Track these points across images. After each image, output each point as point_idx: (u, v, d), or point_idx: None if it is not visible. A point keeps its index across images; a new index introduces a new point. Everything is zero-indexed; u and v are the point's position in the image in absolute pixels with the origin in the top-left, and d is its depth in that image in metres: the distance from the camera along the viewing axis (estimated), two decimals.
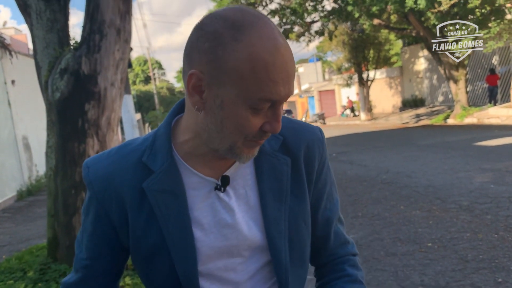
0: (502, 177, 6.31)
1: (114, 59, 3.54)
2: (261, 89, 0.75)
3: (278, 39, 0.76)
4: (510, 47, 17.40)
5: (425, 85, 24.36)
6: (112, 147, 0.97)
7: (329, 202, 1.03)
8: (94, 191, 0.91)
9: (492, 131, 12.14)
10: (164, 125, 0.92)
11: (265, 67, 0.74)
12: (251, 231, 0.91)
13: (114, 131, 3.66)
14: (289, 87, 0.77)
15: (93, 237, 0.94)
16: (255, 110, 0.78)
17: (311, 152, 0.97)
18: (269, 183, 0.92)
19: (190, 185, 0.90)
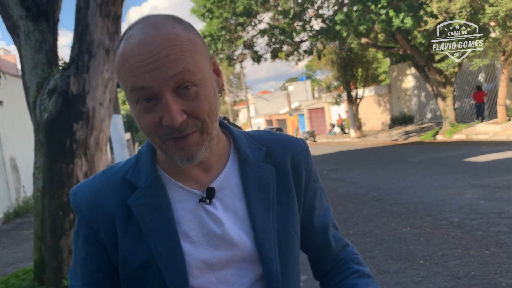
0: (491, 193, 6.34)
1: (103, 79, 3.54)
2: (127, 80, 0.76)
3: (147, 31, 0.76)
4: (495, 65, 17.71)
5: (413, 102, 24.62)
6: (97, 173, 0.98)
7: (322, 209, 1.04)
8: (82, 214, 0.91)
9: (480, 147, 12.26)
10: (146, 143, 0.92)
11: (126, 59, 0.76)
12: (241, 241, 0.90)
13: (103, 151, 3.63)
14: (159, 72, 0.74)
15: (86, 263, 0.92)
16: (141, 105, 0.77)
17: (297, 161, 0.98)
18: (256, 192, 0.92)
19: (176, 199, 0.89)
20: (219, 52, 20.76)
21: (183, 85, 0.76)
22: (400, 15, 14.85)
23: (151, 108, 0.77)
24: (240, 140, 0.96)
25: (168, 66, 0.74)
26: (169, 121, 0.76)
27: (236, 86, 57.52)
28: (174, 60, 0.75)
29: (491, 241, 4.34)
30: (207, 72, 0.81)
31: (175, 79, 0.75)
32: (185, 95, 0.77)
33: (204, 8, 19.14)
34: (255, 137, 0.99)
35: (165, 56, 0.74)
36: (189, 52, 0.77)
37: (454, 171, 8.77)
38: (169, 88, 0.75)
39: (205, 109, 0.79)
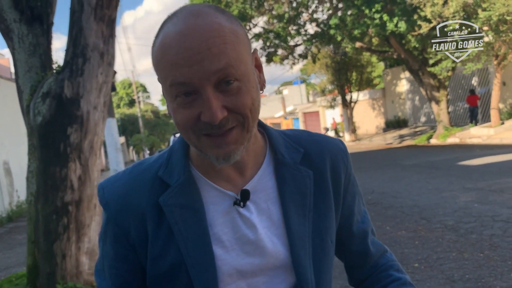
0: (485, 196, 6.37)
1: (97, 82, 3.52)
2: (167, 75, 0.72)
3: (188, 21, 0.72)
4: (488, 69, 17.83)
5: (407, 106, 24.73)
6: (126, 167, 0.92)
7: (360, 215, 1.00)
8: (111, 212, 0.86)
9: (474, 150, 12.32)
10: (179, 140, 0.88)
11: (165, 51, 0.72)
12: (275, 248, 0.85)
13: (97, 155, 3.62)
14: (201, 66, 0.70)
15: (116, 263, 0.88)
16: (180, 99, 0.73)
17: (336, 164, 0.93)
18: (292, 197, 0.87)
19: (209, 200, 0.84)
20: None
21: (224, 80, 0.72)
22: (394, 19, 14.94)
23: (190, 103, 0.73)
24: (277, 140, 0.90)
25: (210, 60, 0.70)
26: (209, 117, 0.71)
27: None
28: (217, 53, 0.70)
29: (485, 244, 4.36)
30: (249, 66, 0.76)
31: (217, 74, 0.71)
32: (227, 90, 0.72)
33: None
34: (292, 137, 0.93)
35: (207, 48, 0.70)
36: (232, 44, 0.72)
37: (448, 174, 8.80)
38: (210, 83, 0.71)
39: (248, 104, 0.74)
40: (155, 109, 55.87)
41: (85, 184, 3.52)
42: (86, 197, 3.54)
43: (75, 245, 3.49)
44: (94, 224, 3.64)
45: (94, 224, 3.64)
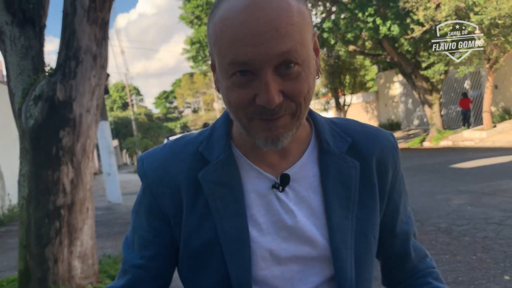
0: (478, 199, 6.40)
1: (90, 85, 3.50)
2: (228, 52, 0.68)
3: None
4: (480, 72, 17.96)
5: (400, 109, 24.84)
6: (167, 142, 0.90)
7: (405, 215, 0.95)
8: (148, 182, 0.85)
9: (466, 153, 12.39)
10: (222, 118, 0.86)
11: (229, 26, 0.67)
12: (314, 237, 0.81)
13: (90, 158, 3.59)
14: (266, 46, 0.65)
15: (147, 234, 0.86)
16: (236, 79, 0.69)
17: (385, 158, 0.87)
18: (335, 187, 0.83)
19: (248, 180, 0.82)
20: (208, 59, 20.79)
21: (285, 63, 0.68)
22: (387, 23, 15.02)
23: (245, 83, 0.69)
24: (323, 128, 0.86)
25: (276, 41, 0.66)
26: (265, 101, 0.68)
27: None
28: (283, 34, 0.66)
29: (478, 246, 4.37)
30: (310, 50, 0.73)
31: (280, 57, 0.67)
32: (286, 74, 0.69)
33: (193, 15, 19.18)
34: (340, 126, 0.89)
35: (274, 28, 0.65)
36: (299, 26, 0.68)
37: (441, 177, 8.84)
38: (271, 65, 0.67)
39: (304, 91, 0.71)
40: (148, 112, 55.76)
41: (78, 187, 3.49)
42: (78, 200, 3.51)
43: (67, 249, 3.46)
44: (87, 228, 3.61)
45: (87, 227, 3.61)
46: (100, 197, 10.92)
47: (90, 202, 3.64)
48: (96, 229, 3.83)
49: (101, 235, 6.35)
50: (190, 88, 61.76)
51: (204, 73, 22.58)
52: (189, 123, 55.65)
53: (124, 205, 9.69)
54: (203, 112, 60.28)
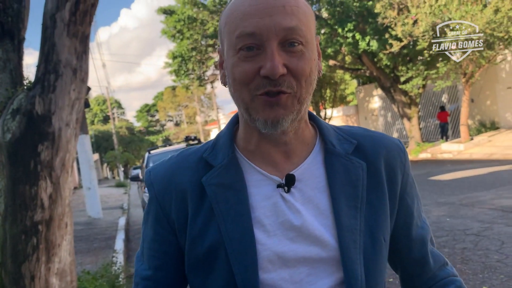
0: (456, 210, 6.50)
1: (70, 99, 3.47)
2: (237, 26, 0.73)
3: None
4: (457, 86, 18.37)
5: (380, 123, 25.18)
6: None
7: (419, 220, 0.93)
8: (154, 191, 0.86)
9: (445, 165, 12.60)
10: (226, 126, 0.89)
11: (240, 4, 0.74)
12: (323, 237, 0.80)
13: (69, 173, 3.55)
14: (273, 19, 0.71)
15: (154, 244, 0.87)
16: (243, 53, 0.73)
17: (392, 160, 0.87)
18: (343, 187, 0.82)
19: (252, 183, 0.82)
20: (190, 73, 20.80)
21: (290, 40, 0.72)
22: (366, 38, 15.30)
23: (251, 58, 0.73)
24: (328, 131, 0.88)
25: (282, 16, 0.72)
26: (269, 69, 0.71)
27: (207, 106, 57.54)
28: (289, 12, 0.72)
29: (457, 258, 4.43)
30: (313, 40, 0.78)
31: (286, 31, 0.72)
32: (290, 51, 0.73)
33: (175, 29, 19.21)
34: (345, 131, 0.90)
35: (281, 5, 0.72)
36: (304, 12, 0.75)
37: (421, 189, 8.94)
38: (277, 38, 0.72)
39: (306, 71, 0.74)
40: (130, 126, 55.34)
41: (56, 202, 3.44)
42: (57, 216, 3.45)
43: (45, 266, 3.39)
44: (65, 244, 3.55)
45: (65, 243, 3.54)
46: (80, 211, 10.74)
47: (69, 218, 3.58)
48: (75, 244, 3.77)
49: (80, 250, 6.24)
50: (173, 101, 61.58)
51: (186, 86, 22.54)
52: (171, 136, 55.36)
53: (105, 220, 9.55)
54: (185, 125, 60.09)
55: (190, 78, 21.15)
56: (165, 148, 9.89)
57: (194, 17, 18.13)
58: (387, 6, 13.66)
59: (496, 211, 6.08)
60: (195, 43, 19.24)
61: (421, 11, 12.70)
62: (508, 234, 4.93)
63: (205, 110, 58.40)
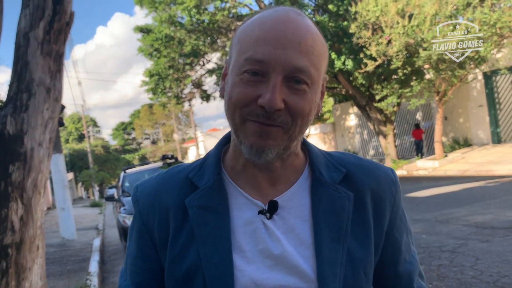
0: (432, 227, 6.58)
1: (43, 118, 3.41)
2: (248, 48, 0.72)
3: (289, 12, 0.74)
4: (431, 104, 18.80)
5: (356, 140, 25.49)
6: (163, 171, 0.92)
7: (408, 254, 0.90)
8: (139, 208, 0.87)
9: (421, 182, 12.79)
10: (215, 146, 0.89)
11: (257, 26, 0.72)
12: (301, 268, 0.78)
13: (41, 194, 3.46)
14: (285, 53, 0.70)
15: (137, 261, 0.87)
16: (246, 76, 0.72)
17: (381, 192, 0.85)
18: (326, 217, 0.80)
19: (235, 206, 0.81)
20: (167, 91, 20.73)
21: (295, 78, 0.72)
22: (341, 57, 15.58)
23: (253, 83, 0.72)
24: (317, 158, 0.86)
25: (295, 54, 0.70)
26: (267, 102, 0.70)
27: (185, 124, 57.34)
28: (304, 51, 0.71)
29: (433, 275, 4.47)
30: (320, 82, 0.78)
31: (294, 69, 0.71)
32: (294, 87, 0.72)
33: (152, 48, 19.19)
34: (336, 157, 0.89)
35: (298, 42, 0.71)
36: (318, 54, 0.74)
37: None
38: (283, 72, 0.71)
39: (305, 111, 0.73)
40: (105, 144, 54.59)
41: (27, 224, 3.34)
42: (28, 238, 3.35)
43: None
44: (37, 267, 3.44)
45: (37, 267, 3.43)
46: (53, 233, 10.46)
47: (41, 240, 3.48)
48: (47, 267, 3.66)
49: (53, 273, 6.06)
50: (149, 119, 61.16)
51: (163, 104, 22.44)
52: (148, 155, 54.81)
53: (79, 241, 9.31)
54: (162, 143, 59.63)
55: (168, 96, 21.08)
56: (141, 167, 9.76)
57: (172, 35, 18.17)
58: (362, 26, 13.96)
59: (470, 228, 6.17)
60: (172, 61, 19.24)
61: (395, 31, 13.03)
62: (482, 250, 5.00)
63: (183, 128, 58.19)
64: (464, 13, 12.29)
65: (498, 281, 4.03)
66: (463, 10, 12.37)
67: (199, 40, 18.14)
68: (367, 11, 13.59)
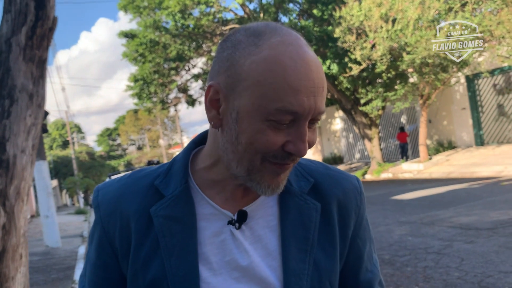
0: (418, 229, 6.64)
1: (26, 125, 3.36)
2: (279, 97, 0.67)
3: (304, 47, 0.70)
4: (415, 107, 19.02)
5: (342, 144, 25.65)
6: (127, 173, 0.87)
7: (370, 263, 0.92)
8: (100, 214, 0.82)
9: (406, 185, 12.91)
10: (183, 151, 0.85)
11: (285, 71, 0.67)
12: (268, 280, 0.77)
13: (24, 201, 3.40)
14: (315, 100, 0.69)
15: (96, 269, 0.83)
16: (273, 123, 0.69)
17: (348, 203, 0.86)
18: (294, 228, 0.80)
19: (203, 216, 0.79)
20: (152, 96, 20.62)
21: (316, 120, 0.72)
22: (326, 61, 15.68)
23: (279, 129, 0.70)
24: None
25: (321, 100, 0.70)
26: (298, 149, 0.70)
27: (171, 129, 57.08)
28: (324, 95, 0.72)
29: (419, 276, 4.50)
30: None
31: (319, 113, 0.71)
32: (310, 127, 0.73)
33: (136, 53, 19.08)
34: (304, 166, 0.88)
35: (321, 86, 0.70)
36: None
37: (383, 209, 9.12)
38: (310, 117, 0.71)
39: (316, 141, 0.75)
40: (90, 150, 54.06)
41: (10, 233, 3.28)
42: (11, 247, 3.29)
43: None
44: (20, 276, 3.38)
45: (20, 276, 3.38)
46: (37, 241, 10.30)
47: (24, 249, 3.42)
48: (31, 276, 3.60)
49: (37, 282, 5.96)
50: (135, 125, 60.75)
51: (148, 110, 22.31)
52: (134, 161, 54.39)
53: (63, 249, 9.19)
54: (148, 149, 59.25)
55: (153, 101, 20.96)
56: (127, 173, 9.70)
57: (156, 40, 18.09)
58: (346, 31, 14.09)
59: (455, 229, 6.25)
60: (157, 66, 19.14)
61: (379, 35, 13.17)
62: (467, 251, 5.06)
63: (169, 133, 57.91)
64: (446, 18, 12.48)
65: (483, 281, 4.08)
66: (445, 15, 12.56)
67: (184, 45, 18.09)
68: (351, 15, 13.72)
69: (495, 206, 7.43)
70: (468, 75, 16.08)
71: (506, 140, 16.31)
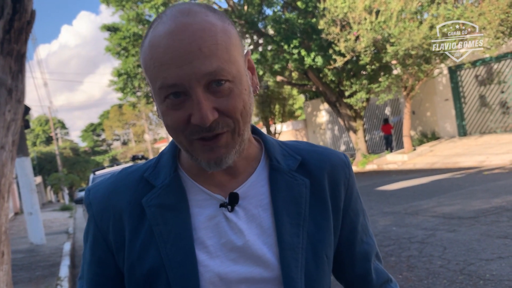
0: (402, 219, 6.72)
1: (5, 120, 3.31)
2: (156, 77, 0.70)
3: (177, 19, 0.69)
4: (399, 99, 19.18)
5: (328, 136, 25.78)
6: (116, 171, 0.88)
7: (365, 235, 0.93)
8: (92, 212, 0.83)
9: (391, 176, 13.04)
10: (169, 144, 0.86)
11: (154, 51, 0.69)
12: (264, 257, 0.79)
13: (5, 198, 3.36)
14: (193, 66, 0.67)
15: (92, 266, 0.84)
16: (169, 102, 0.70)
17: (336, 176, 0.87)
18: (285, 204, 0.82)
19: (195, 203, 0.80)
20: (137, 90, 20.45)
21: (215, 80, 0.69)
22: (311, 54, 15.70)
23: (179, 105, 0.70)
24: (273, 147, 0.87)
25: (201, 61, 0.67)
26: (199, 119, 0.69)
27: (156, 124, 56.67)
28: (208, 55, 0.68)
29: (403, 265, 4.56)
30: (242, 67, 0.74)
31: (208, 76, 0.68)
32: (218, 91, 0.70)
33: (119, 47, 18.87)
34: (290, 146, 0.90)
35: (198, 49, 0.67)
36: (224, 45, 0.70)
37: (368, 200, 9.21)
38: (200, 84, 0.68)
39: (239, 107, 0.71)
40: (74, 146, 53.43)
41: None
42: None
43: None
44: (2, 274, 3.34)
45: (2, 274, 3.34)
46: (21, 238, 10.18)
47: (6, 246, 3.38)
48: (15, 274, 3.55)
49: (21, 280, 5.89)
50: (119, 120, 60.21)
51: (133, 104, 22.13)
52: (119, 156, 53.95)
53: (48, 246, 9.10)
54: (133, 144, 58.81)
55: (137, 95, 20.79)
56: (111, 168, 9.60)
57: (140, 34, 17.91)
58: (330, 22, 14.12)
59: (438, 218, 6.33)
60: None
61: (362, 27, 13.23)
62: (450, 240, 5.14)
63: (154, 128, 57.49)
64: (429, 9, 12.58)
65: (465, 269, 4.15)
66: (428, 7, 12.66)
67: None
68: (335, 7, 13.75)
69: (477, 195, 7.55)
70: (451, 66, 16.26)
71: (488, 130, 16.56)
